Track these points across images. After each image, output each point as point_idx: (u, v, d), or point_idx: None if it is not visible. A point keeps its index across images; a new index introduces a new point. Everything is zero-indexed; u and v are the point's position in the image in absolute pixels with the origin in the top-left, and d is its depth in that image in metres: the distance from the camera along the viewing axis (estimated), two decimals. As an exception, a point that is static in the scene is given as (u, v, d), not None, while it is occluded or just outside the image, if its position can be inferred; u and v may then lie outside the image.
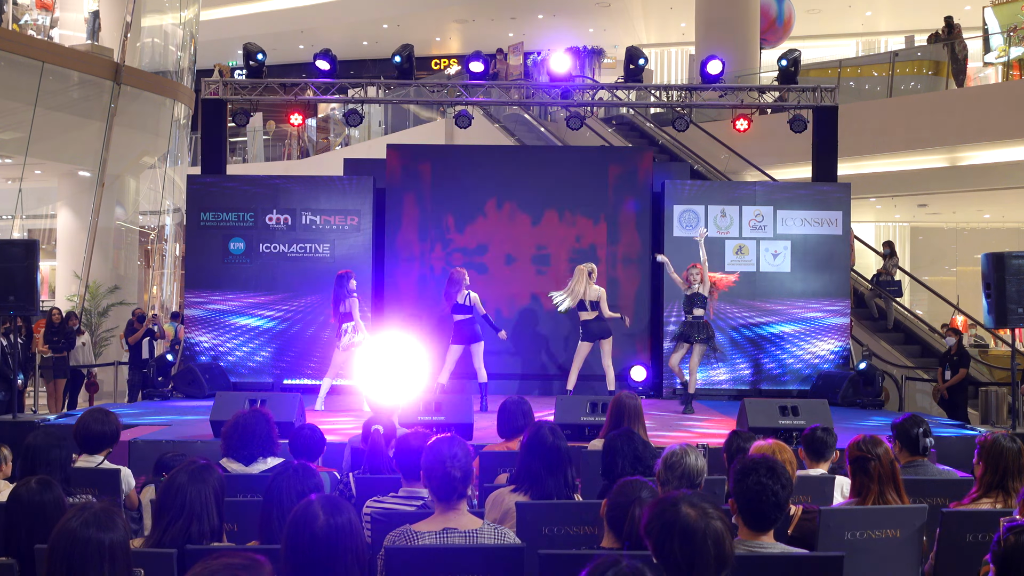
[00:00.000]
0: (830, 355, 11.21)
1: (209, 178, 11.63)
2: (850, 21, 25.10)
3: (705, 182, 13.01)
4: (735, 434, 4.81)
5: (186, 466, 3.22)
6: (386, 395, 5.52)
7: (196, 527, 3.11)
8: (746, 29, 18.75)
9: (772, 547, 3.05)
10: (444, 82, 12.21)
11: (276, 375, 11.28)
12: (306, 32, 26.76)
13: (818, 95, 11.53)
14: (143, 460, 6.73)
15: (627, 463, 4.07)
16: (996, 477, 4.06)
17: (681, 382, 9.84)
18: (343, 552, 2.56)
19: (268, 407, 6.08)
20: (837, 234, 11.34)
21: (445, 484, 3.24)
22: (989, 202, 19.62)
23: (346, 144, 22.72)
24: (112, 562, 2.53)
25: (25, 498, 3.28)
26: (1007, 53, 16.49)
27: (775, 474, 3.01)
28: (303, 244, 11.38)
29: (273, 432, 4.68)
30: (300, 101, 11.82)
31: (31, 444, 4.23)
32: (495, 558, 3.16)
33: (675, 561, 2.42)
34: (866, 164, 16.46)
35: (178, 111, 18.01)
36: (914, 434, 4.68)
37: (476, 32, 26.78)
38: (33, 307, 8.66)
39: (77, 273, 16.25)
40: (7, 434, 7.67)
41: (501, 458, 5.15)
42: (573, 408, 7.49)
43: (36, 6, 16.55)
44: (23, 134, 14.90)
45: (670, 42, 27.34)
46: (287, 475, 3.28)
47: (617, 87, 11.90)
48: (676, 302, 11.24)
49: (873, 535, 3.73)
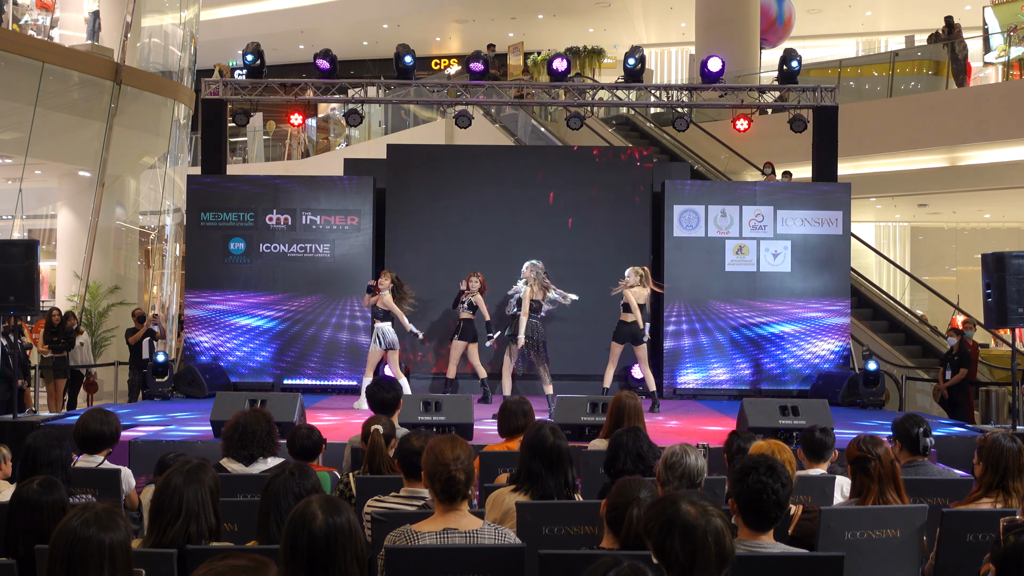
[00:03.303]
0: (830, 355, 11.21)
1: (209, 178, 11.64)
2: (850, 21, 25.10)
3: (705, 182, 13.01)
4: (735, 434, 4.81)
5: (181, 466, 3.21)
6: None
7: (194, 526, 3.11)
8: (746, 29, 18.75)
9: (772, 547, 3.04)
10: (444, 82, 12.21)
11: (276, 375, 11.29)
12: (306, 32, 26.76)
13: (818, 95, 11.53)
14: (143, 460, 6.74)
15: (630, 460, 4.11)
16: (996, 477, 4.06)
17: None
18: (343, 552, 2.56)
19: (268, 407, 6.09)
20: (837, 234, 11.33)
21: (447, 485, 3.24)
22: (989, 202, 19.62)
23: (346, 144, 22.72)
24: (112, 562, 2.52)
25: (26, 498, 3.27)
26: (1007, 53, 16.50)
27: (775, 473, 3.01)
28: (303, 244, 11.38)
29: (273, 432, 4.68)
30: (300, 101, 11.82)
31: (31, 444, 4.23)
32: (495, 558, 3.16)
33: (676, 559, 2.42)
34: (866, 164, 16.47)
35: (178, 111, 18.01)
36: (914, 434, 4.68)
37: (476, 32, 26.77)
38: (33, 307, 8.65)
39: (77, 273, 16.25)
40: (7, 434, 7.67)
41: (501, 458, 5.15)
42: (573, 408, 7.49)
43: (36, 6, 16.55)
44: (23, 134, 14.89)
45: (670, 42, 27.34)
46: (283, 476, 3.27)
47: (617, 87, 11.90)
48: (677, 302, 11.25)
49: (873, 535, 3.73)
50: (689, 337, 11.25)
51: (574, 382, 11.19)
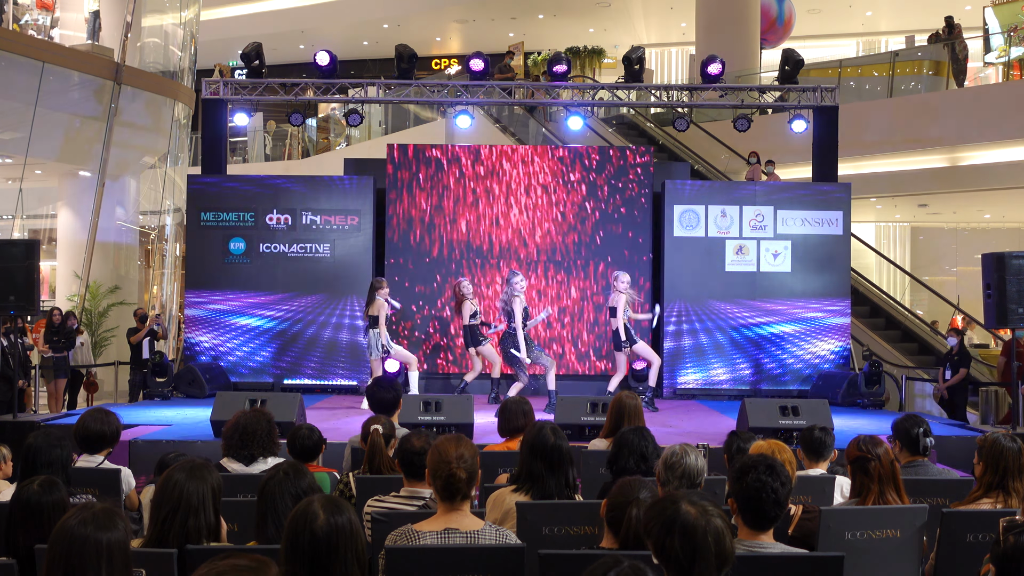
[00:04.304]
0: (830, 355, 11.22)
1: (209, 178, 11.64)
2: (850, 21, 25.10)
3: (705, 182, 13.00)
4: (735, 434, 4.82)
5: (184, 463, 3.21)
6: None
7: (193, 521, 3.10)
8: (746, 29, 18.76)
9: (772, 547, 3.04)
10: (444, 82, 12.21)
11: (276, 375, 11.29)
12: (306, 32, 26.77)
13: (818, 95, 11.53)
14: (143, 460, 6.74)
15: (633, 459, 4.12)
16: (996, 477, 4.06)
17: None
18: (344, 552, 2.56)
19: (268, 407, 6.10)
20: (837, 234, 11.34)
21: (448, 482, 3.24)
22: (989, 202, 19.62)
23: (346, 144, 22.72)
24: (110, 562, 2.51)
25: (27, 498, 3.28)
26: (1007, 53, 16.50)
27: (775, 472, 3.01)
28: (303, 244, 11.38)
29: (274, 432, 4.68)
30: (300, 101, 11.83)
31: (31, 444, 4.23)
32: (496, 558, 3.16)
33: (676, 559, 2.42)
34: (866, 164, 16.47)
35: (178, 111, 18.00)
36: (914, 434, 4.68)
37: (476, 32, 26.78)
38: (33, 307, 8.66)
39: (77, 273, 16.25)
40: (7, 434, 7.68)
41: (501, 458, 5.16)
42: (573, 408, 7.49)
43: (36, 6, 16.55)
44: (23, 134, 14.89)
45: (670, 42, 27.35)
46: (278, 477, 3.27)
47: (617, 87, 11.90)
48: (677, 302, 11.26)
49: (873, 535, 3.73)
50: (689, 337, 11.25)
51: (574, 382, 11.21)
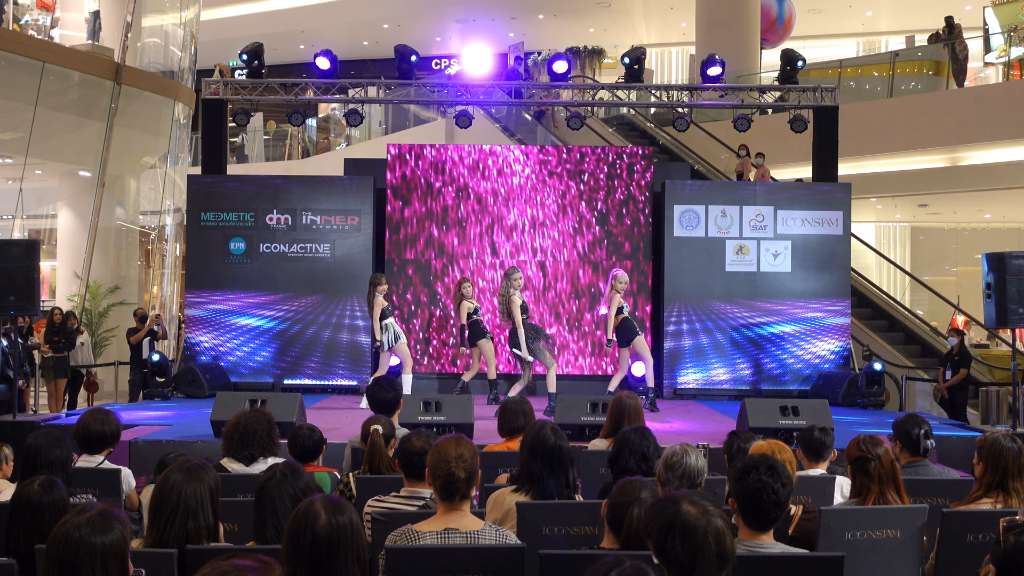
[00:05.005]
0: (830, 355, 11.21)
1: (209, 178, 11.64)
2: (850, 21, 25.11)
3: (705, 182, 13.01)
4: (735, 434, 4.82)
5: (182, 464, 3.21)
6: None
7: (192, 523, 3.10)
8: (746, 29, 18.77)
9: (772, 547, 3.05)
10: (444, 82, 12.21)
11: (276, 375, 11.29)
12: (306, 32, 26.77)
13: (818, 95, 11.53)
14: (143, 460, 6.74)
15: (634, 459, 4.11)
16: (996, 477, 4.06)
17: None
18: (345, 552, 2.56)
19: (269, 407, 6.10)
20: (837, 234, 11.33)
21: (446, 482, 3.24)
22: (989, 202, 19.63)
23: (346, 144, 22.73)
24: (104, 565, 2.50)
25: (27, 498, 3.28)
26: (1007, 53, 16.50)
27: (775, 472, 3.01)
28: (303, 244, 11.38)
29: (274, 432, 4.68)
30: (300, 101, 11.83)
31: (31, 444, 4.23)
32: (496, 558, 3.16)
33: (676, 560, 2.42)
34: (866, 164, 16.48)
35: (178, 111, 18.01)
36: (915, 435, 4.67)
37: (476, 32, 26.78)
38: (33, 307, 8.65)
39: (77, 273, 16.25)
40: (7, 434, 7.67)
41: (501, 458, 5.15)
42: (573, 408, 7.49)
43: (36, 6, 16.55)
44: (23, 134, 14.90)
45: (670, 42, 27.36)
46: (275, 478, 3.27)
47: (617, 87, 11.90)
48: (677, 302, 11.25)
49: (873, 535, 3.73)
50: (689, 337, 11.25)
51: (574, 382, 11.21)
